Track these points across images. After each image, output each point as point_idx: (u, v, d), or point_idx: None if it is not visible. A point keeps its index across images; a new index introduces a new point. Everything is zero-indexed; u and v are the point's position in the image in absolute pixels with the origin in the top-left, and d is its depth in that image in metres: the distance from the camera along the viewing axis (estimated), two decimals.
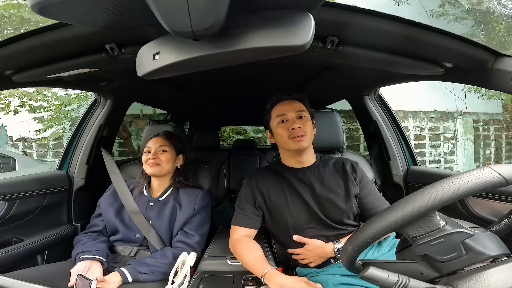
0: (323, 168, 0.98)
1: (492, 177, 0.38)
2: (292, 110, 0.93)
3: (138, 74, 0.50)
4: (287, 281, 0.74)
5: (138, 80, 0.65)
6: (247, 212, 0.95)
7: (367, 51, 0.71)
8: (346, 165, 0.99)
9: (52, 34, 0.65)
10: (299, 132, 0.90)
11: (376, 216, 0.46)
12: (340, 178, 0.95)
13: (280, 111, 0.94)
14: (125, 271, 0.90)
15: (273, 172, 1.00)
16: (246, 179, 1.02)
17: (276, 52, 0.43)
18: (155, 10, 0.36)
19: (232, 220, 0.97)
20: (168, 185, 1.14)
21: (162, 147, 1.11)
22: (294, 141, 0.90)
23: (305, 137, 0.91)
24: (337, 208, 0.91)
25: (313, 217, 0.92)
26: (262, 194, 0.96)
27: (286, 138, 0.91)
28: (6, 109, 4.21)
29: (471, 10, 3.26)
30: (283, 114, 0.93)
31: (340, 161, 1.00)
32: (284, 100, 0.96)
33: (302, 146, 0.91)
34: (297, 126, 0.90)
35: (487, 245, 0.43)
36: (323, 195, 0.92)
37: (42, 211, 1.23)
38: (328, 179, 0.95)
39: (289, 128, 0.90)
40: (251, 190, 0.98)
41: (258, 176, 1.00)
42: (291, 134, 0.90)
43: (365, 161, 1.35)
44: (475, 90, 4.92)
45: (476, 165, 4.93)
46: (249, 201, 0.97)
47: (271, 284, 0.75)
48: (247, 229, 0.93)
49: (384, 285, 0.44)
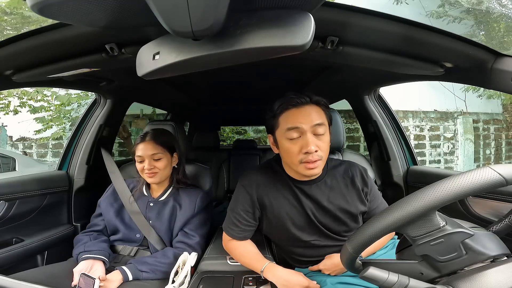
0: (331, 180, 0.85)
1: (492, 177, 0.38)
2: (309, 122, 0.73)
3: (138, 74, 0.50)
4: (285, 272, 0.76)
5: (138, 80, 0.65)
6: (241, 224, 0.86)
7: (367, 51, 0.71)
8: (355, 177, 0.85)
9: (52, 34, 0.65)
10: (314, 157, 0.72)
11: (376, 216, 0.46)
12: (348, 195, 0.84)
13: (294, 121, 0.74)
14: (126, 270, 0.91)
15: (274, 177, 0.87)
16: (243, 184, 0.87)
17: (276, 52, 0.43)
18: (155, 10, 0.36)
19: (224, 226, 0.90)
20: (167, 185, 1.13)
21: (156, 155, 1.03)
22: (306, 167, 0.73)
23: (320, 162, 0.74)
24: (344, 225, 0.85)
25: (317, 231, 0.85)
26: (263, 205, 0.85)
27: (296, 160, 0.74)
28: (6, 109, 4.21)
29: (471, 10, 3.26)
30: (297, 127, 0.73)
31: (349, 172, 0.87)
32: (300, 105, 0.75)
33: (315, 173, 0.76)
34: (313, 150, 0.71)
35: (487, 245, 0.43)
36: (330, 210, 0.83)
37: (42, 211, 1.23)
38: (335, 195, 0.84)
39: (302, 149, 0.72)
40: (250, 200, 0.85)
41: (259, 182, 0.86)
42: (304, 158, 0.73)
43: (365, 161, 1.35)
44: (473, 90, 4.91)
45: (476, 165, 4.93)
46: (246, 213, 0.86)
47: (270, 276, 0.76)
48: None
49: (384, 285, 0.44)
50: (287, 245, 0.92)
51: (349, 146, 4.69)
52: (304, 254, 0.90)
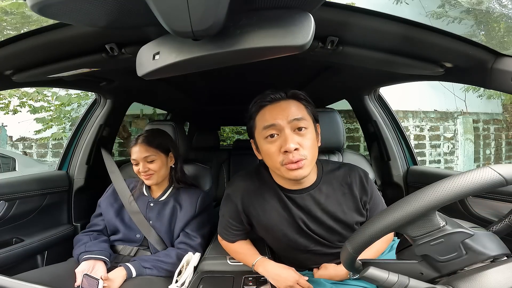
0: (326, 188, 0.77)
1: (492, 177, 0.38)
2: (285, 117, 0.65)
3: (138, 74, 0.50)
4: (276, 267, 0.77)
5: (138, 80, 0.65)
6: (232, 230, 0.85)
7: (367, 51, 0.71)
8: (354, 185, 0.77)
9: (52, 34, 0.65)
10: (295, 156, 0.64)
11: (376, 216, 0.46)
12: (345, 204, 0.77)
13: (269, 118, 0.67)
14: (130, 266, 0.91)
15: (262, 186, 0.80)
16: (228, 192, 0.83)
17: (276, 52, 0.43)
18: (155, 10, 0.36)
19: (218, 229, 0.90)
20: (166, 185, 1.13)
21: (149, 157, 1.02)
22: (288, 169, 0.65)
23: (304, 161, 0.65)
24: (339, 235, 0.79)
25: (310, 239, 0.80)
26: (250, 214, 0.80)
27: (277, 162, 0.66)
28: (5, 109, 4.21)
29: (471, 10, 3.26)
30: (272, 124, 0.66)
31: (348, 178, 0.78)
32: (275, 101, 0.69)
33: (300, 175, 0.67)
34: (292, 148, 0.63)
35: (487, 245, 0.43)
36: (323, 222, 0.76)
37: (42, 211, 1.23)
38: (331, 204, 0.76)
39: (281, 148, 0.65)
40: (236, 210, 0.81)
41: (244, 191, 0.80)
42: (284, 159, 0.65)
43: (365, 161, 1.35)
44: (473, 90, 4.91)
45: (476, 165, 4.93)
46: (234, 220, 0.84)
47: (261, 270, 0.77)
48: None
49: (384, 285, 0.44)
50: (282, 251, 0.91)
51: (349, 146, 4.68)
52: (301, 260, 0.87)
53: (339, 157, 1.28)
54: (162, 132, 1.15)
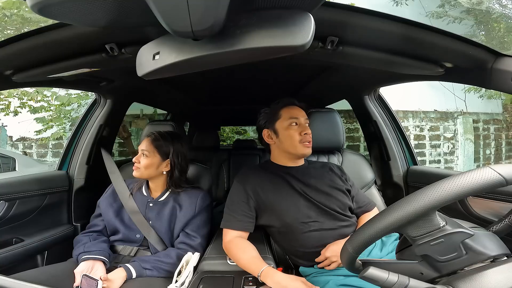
0: (314, 169, 1.04)
1: (492, 177, 0.38)
2: (303, 116, 0.99)
3: (138, 74, 0.50)
4: (284, 278, 0.74)
5: (138, 80, 0.65)
6: (237, 214, 0.93)
7: (367, 51, 0.71)
8: (333, 167, 1.07)
9: (52, 34, 0.65)
10: (308, 138, 0.96)
11: (376, 216, 0.46)
12: (331, 177, 1.02)
13: (294, 114, 0.98)
14: (130, 267, 0.91)
15: (265, 170, 1.01)
16: (237, 180, 1.00)
17: (276, 52, 0.43)
18: (155, 10, 0.36)
19: (222, 223, 0.95)
20: (164, 187, 1.12)
21: (143, 151, 1.05)
22: (304, 146, 0.95)
23: (311, 143, 0.97)
24: (336, 200, 0.96)
25: (313, 210, 0.93)
26: (256, 192, 0.95)
27: (297, 141, 0.95)
28: (6, 110, 4.21)
29: (471, 10, 3.26)
30: (297, 117, 0.97)
31: (327, 165, 1.08)
32: (297, 105, 1.02)
33: (309, 152, 0.97)
34: (310, 132, 0.96)
35: (487, 245, 0.43)
36: (318, 188, 0.96)
37: (42, 211, 1.23)
38: (321, 176, 1.01)
39: (301, 132, 0.95)
40: (243, 190, 0.96)
41: (249, 175, 1.00)
42: (303, 139, 0.95)
43: (365, 161, 1.35)
44: (474, 90, 4.91)
45: (476, 165, 4.93)
46: (240, 203, 0.95)
47: (268, 281, 0.75)
48: (238, 231, 0.92)
49: (384, 285, 0.44)
50: (288, 236, 0.93)
51: (349, 146, 4.69)
52: (306, 244, 0.91)
53: (339, 157, 1.28)
54: (169, 138, 1.10)
